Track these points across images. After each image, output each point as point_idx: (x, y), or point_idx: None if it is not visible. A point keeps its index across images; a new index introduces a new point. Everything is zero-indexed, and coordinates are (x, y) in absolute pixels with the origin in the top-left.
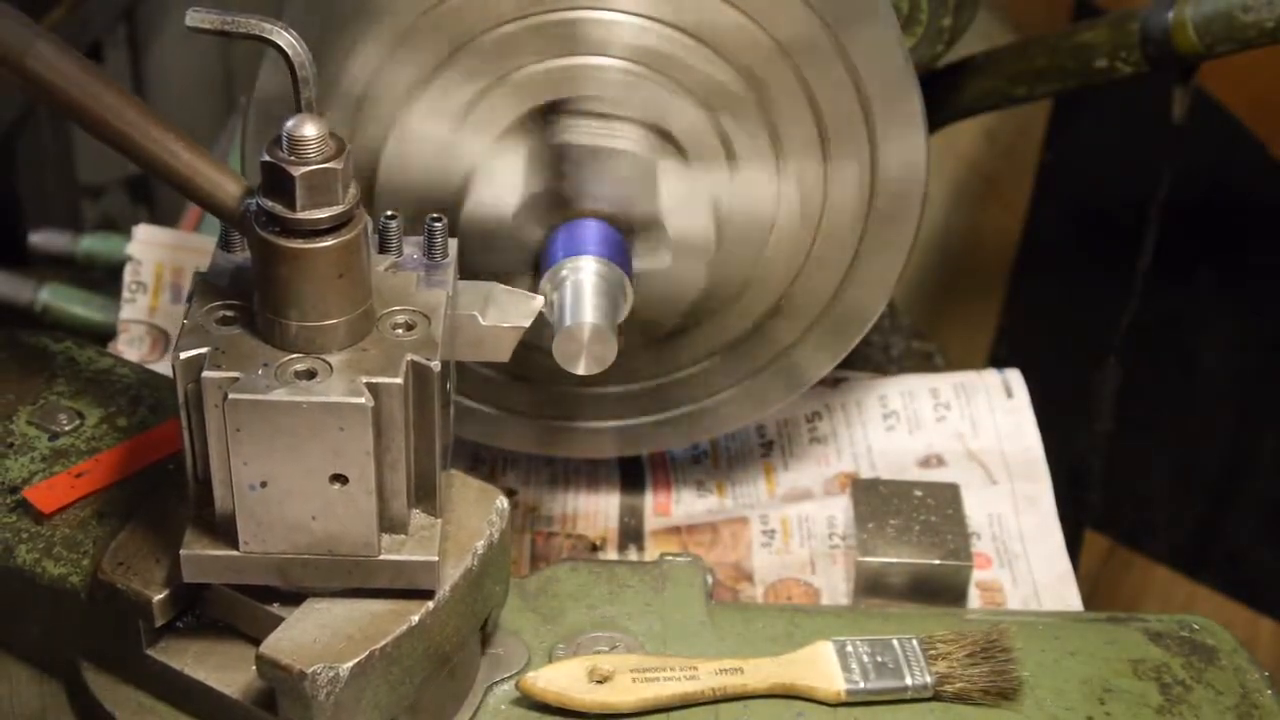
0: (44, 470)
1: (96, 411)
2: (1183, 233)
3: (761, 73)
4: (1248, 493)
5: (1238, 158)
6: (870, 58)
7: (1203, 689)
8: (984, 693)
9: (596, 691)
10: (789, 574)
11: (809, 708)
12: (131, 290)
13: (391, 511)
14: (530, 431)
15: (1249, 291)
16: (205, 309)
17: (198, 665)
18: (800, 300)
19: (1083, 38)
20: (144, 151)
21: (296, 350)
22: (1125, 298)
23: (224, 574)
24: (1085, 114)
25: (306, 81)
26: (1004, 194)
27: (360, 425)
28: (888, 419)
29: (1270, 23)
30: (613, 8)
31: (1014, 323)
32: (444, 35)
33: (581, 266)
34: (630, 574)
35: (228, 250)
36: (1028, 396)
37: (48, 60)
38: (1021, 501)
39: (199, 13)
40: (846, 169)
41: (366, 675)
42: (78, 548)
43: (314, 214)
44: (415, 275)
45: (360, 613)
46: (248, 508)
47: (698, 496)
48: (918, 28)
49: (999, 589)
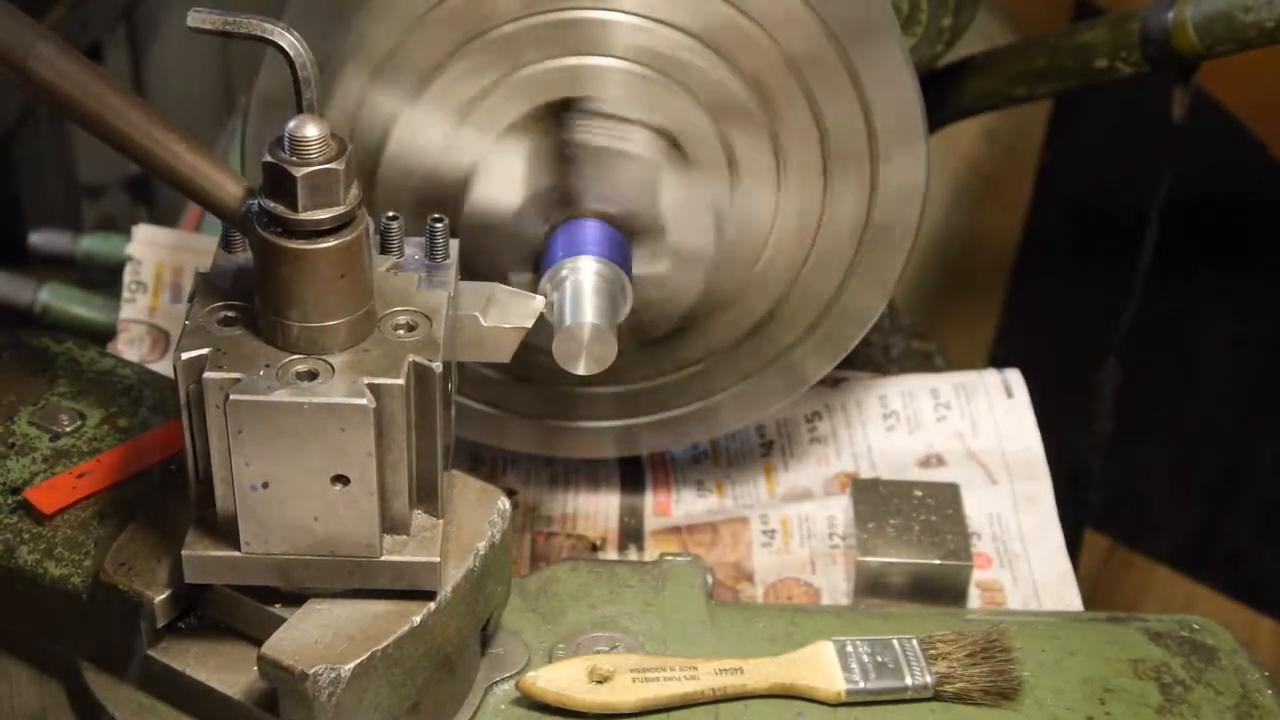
0: (45, 471)
1: (98, 412)
2: (1183, 233)
3: (770, 85)
4: (1248, 493)
5: (1238, 158)
6: (879, 79)
7: (1203, 689)
8: (984, 693)
9: (596, 691)
10: (789, 574)
11: (809, 708)
12: (131, 290)
13: (393, 512)
14: (530, 432)
15: (1249, 291)
16: (207, 310)
17: (199, 666)
18: (799, 302)
19: (1083, 38)
20: (146, 152)
21: (298, 351)
22: (1125, 298)
23: (225, 575)
24: (1085, 114)
25: (308, 82)
26: (1004, 194)
27: (362, 426)
28: (888, 419)
29: (1270, 23)
30: (623, 9)
31: (1014, 323)
32: (451, 30)
33: (581, 266)
34: (630, 574)
35: (229, 251)
36: (1028, 396)
37: (50, 61)
38: (1021, 501)
39: (200, 13)
40: (847, 185)
41: (368, 676)
42: (79, 548)
43: (316, 215)
44: (417, 276)
45: (362, 613)
46: (249, 508)
47: (698, 496)
48: (918, 28)
49: (999, 589)
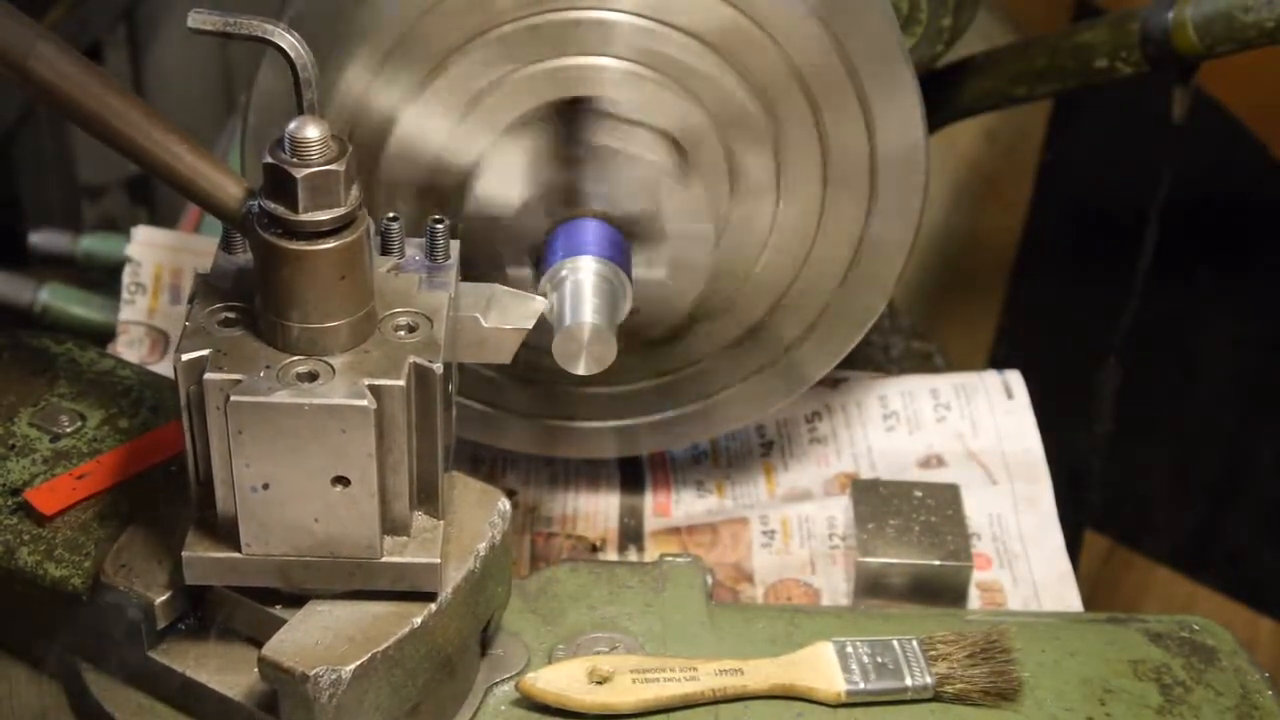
0: (45, 472)
1: (98, 413)
2: (1183, 233)
3: (778, 99)
4: (1248, 493)
5: (1238, 158)
6: (886, 104)
7: (1202, 689)
8: (984, 693)
9: (596, 692)
10: (789, 574)
11: (809, 708)
12: (130, 292)
13: (393, 513)
14: (530, 432)
15: (1249, 291)
16: (207, 311)
17: (199, 667)
18: (797, 303)
19: (1083, 38)
20: (146, 153)
21: (298, 352)
22: (1125, 298)
23: (226, 576)
24: (1085, 114)
25: (308, 83)
26: (1004, 194)
27: (362, 427)
28: (888, 419)
29: (1270, 23)
30: (627, 9)
31: (1014, 323)
32: (458, 26)
33: (581, 266)
34: (630, 575)
35: (229, 252)
36: (1028, 397)
37: (50, 62)
38: (1021, 502)
39: (201, 14)
40: (845, 200)
41: (369, 677)
42: (79, 550)
43: (316, 216)
44: (417, 277)
45: (362, 615)
46: (249, 510)
47: (698, 497)
48: (917, 28)
49: (999, 589)
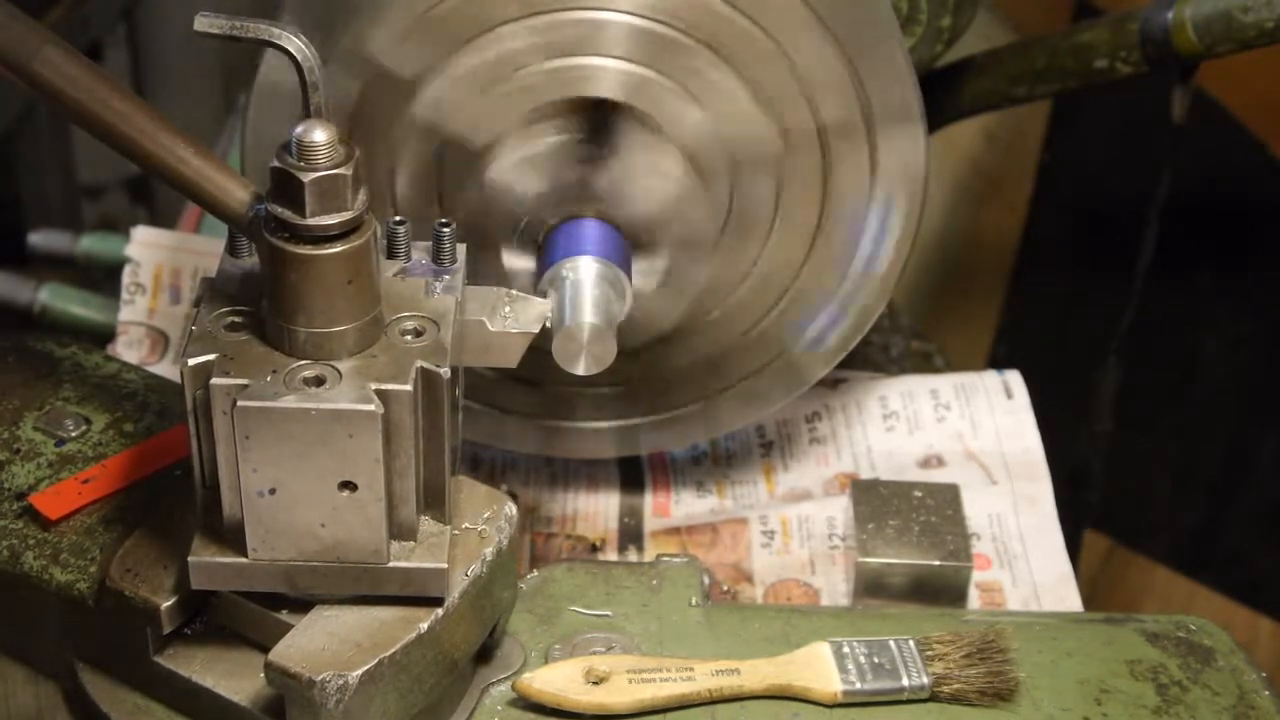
0: (50, 476)
1: (103, 417)
2: (1183, 233)
3: (794, 143)
4: (1248, 493)
5: (1238, 158)
6: (894, 160)
7: (1199, 690)
8: (981, 693)
9: (593, 692)
10: (789, 575)
11: (805, 709)
12: (130, 292)
13: (400, 518)
14: (530, 432)
15: (1249, 291)
16: (213, 315)
17: (205, 672)
18: (791, 307)
19: (1083, 38)
20: (152, 157)
21: (305, 357)
22: (1125, 298)
23: (232, 581)
24: (1085, 114)
25: (315, 86)
26: (1004, 194)
27: (369, 432)
28: (887, 419)
29: (1270, 23)
30: (635, 12)
31: (1014, 323)
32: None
33: (581, 266)
34: (627, 575)
35: (235, 256)
36: (1027, 397)
37: (55, 65)
38: (1021, 502)
39: (207, 17)
40: (837, 231)
41: (376, 683)
42: (85, 554)
43: (323, 220)
44: (424, 281)
45: (369, 620)
46: (256, 514)
47: (697, 497)
48: (917, 28)
49: (999, 589)
